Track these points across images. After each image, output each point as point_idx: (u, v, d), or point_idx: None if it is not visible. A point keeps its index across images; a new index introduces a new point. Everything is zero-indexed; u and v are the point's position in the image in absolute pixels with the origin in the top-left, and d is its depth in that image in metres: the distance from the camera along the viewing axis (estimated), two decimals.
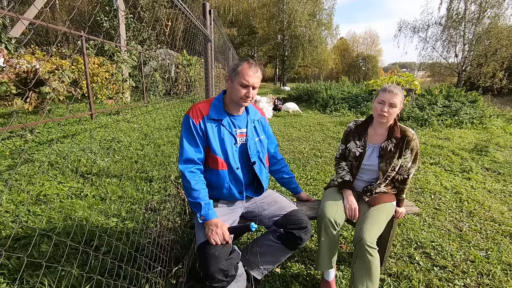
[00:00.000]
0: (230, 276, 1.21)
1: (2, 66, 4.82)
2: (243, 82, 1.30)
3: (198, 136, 1.34)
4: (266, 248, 1.51)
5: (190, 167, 1.34)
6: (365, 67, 37.65)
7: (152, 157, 3.63)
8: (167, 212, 2.25)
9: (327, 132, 6.09)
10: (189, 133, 1.35)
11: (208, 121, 1.35)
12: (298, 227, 1.43)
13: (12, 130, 4.20)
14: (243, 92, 1.32)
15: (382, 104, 1.49)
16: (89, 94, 5.76)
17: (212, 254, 1.18)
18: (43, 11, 6.99)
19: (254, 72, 1.31)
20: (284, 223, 1.46)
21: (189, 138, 1.35)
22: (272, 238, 1.51)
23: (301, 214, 1.49)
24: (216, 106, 1.39)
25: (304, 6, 26.07)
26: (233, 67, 1.34)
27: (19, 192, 2.50)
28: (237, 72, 1.31)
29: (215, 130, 1.37)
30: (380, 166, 1.57)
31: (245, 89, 1.32)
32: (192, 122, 1.34)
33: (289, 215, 1.47)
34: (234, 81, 1.32)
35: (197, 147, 1.35)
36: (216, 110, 1.38)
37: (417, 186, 3.20)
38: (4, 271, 1.57)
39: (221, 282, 1.18)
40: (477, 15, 19.08)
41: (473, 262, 1.91)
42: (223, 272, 1.17)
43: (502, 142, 5.23)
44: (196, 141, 1.35)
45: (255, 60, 1.35)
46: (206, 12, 2.32)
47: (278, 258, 1.53)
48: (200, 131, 1.35)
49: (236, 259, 1.26)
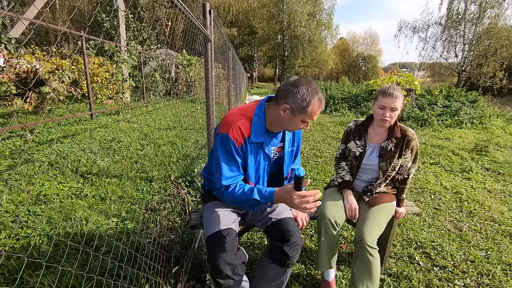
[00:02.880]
0: (236, 274, 1.15)
1: (2, 66, 4.82)
2: (308, 120, 1.17)
3: (240, 158, 1.22)
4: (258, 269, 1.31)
5: (228, 187, 1.22)
6: (365, 67, 37.67)
7: (152, 157, 3.63)
8: (167, 212, 2.25)
9: (327, 132, 6.09)
10: (229, 154, 1.20)
11: (249, 144, 1.22)
12: (281, 238, 1.27)
13: (12, 130, 4.20)
14: (302, 126, 1.20)
15: (384, 109, 1.48)
16: (89, 94, 5.76)
17: (221, 246, 1.16)
18: (43, 11, 6.98)
19: (321, 109, 1.18)
20: (271, 231, 1.33)
21: (229, 160, 1.21)
22: (265, 254, 1.33)
23: (290, 224, 1.31)
24: (257, 125, 1.22)
25: (304, 6, 26.12)
26: (301, 103, 1.12)
27: (19, 192, 2.50)
28: (305, 111, 1.13)
29: (254, 153, 1.25)
30: (380, 166, 1.57)
31: (306, 124, 1.19)
32: (233, 145, 1.18)
33: (278, 222, 1.32)
34: (297, 116, 1.15)
35: (237, 171, 1.23)
36: (257, 131, 1.22)
37: (417, 186, 3.20)
38: (4, 271, 1.57)
39: (227, 278, 1.13)
40: (477, 15, 19.09)
41: (473, 262, 1.91)
42: (230, 266, 1.13)
43: (502, 142, 5.23)
44: (238, 164, 1.22)
45: (322, 93, 1.18)
46: (206, 12, 2.32)
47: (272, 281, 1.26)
48: (241, 153, 1.22)
49: (243, 258, 1.22)
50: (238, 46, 29.07)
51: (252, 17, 28.04)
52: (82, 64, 6.06)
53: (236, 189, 1.19)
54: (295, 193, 1.03)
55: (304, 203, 1.02)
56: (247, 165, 1.26)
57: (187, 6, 1.75)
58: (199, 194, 2.62)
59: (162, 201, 2.45)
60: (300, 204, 1.03)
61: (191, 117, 4.22)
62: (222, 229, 1.23)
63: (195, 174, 2.93)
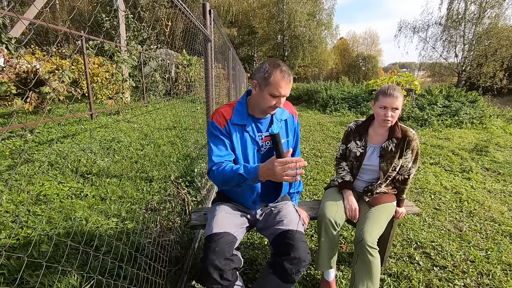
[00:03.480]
0: (225, 280, 1.12)
1: (2, 66, 4.82)
2: (275, 93, 1.19)
3: (225, 138, 1.27)
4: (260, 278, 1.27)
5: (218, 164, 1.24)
6: (365, 67, 37.65)
7: (152, 157, 3.63)
8: (167, 212, 2.25)
9: (327, 132, 6.09)
10: (215, 138, 1.28)
11: (232, 126, 1.28)
12: (283, 252, 1.20)
13: (12, 130, 4.20)
14: (273, 102, 1.21)
15: (385, 110, 1.48)
16: (89, 94, 5.76)
17: (212, 249, 1.13)
18: (43, 11, 6.98)
19: (287, 82, 1.19)
20: (275, 243, 1.26)
21: (217, 142, 1.27)
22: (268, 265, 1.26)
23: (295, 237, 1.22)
24: (239, 110, 1.30)
25: (304, 6, 26.08)
26: (263, 75, 1.19)
27: (19, 192, 2.49)
28: (268, 82, 1.18)
29: (239, 136, 1.29)
30: (381, 166, 1.57)
31: (275, 99, 1.21)
32: (217, 127, 1.27)
33: (283, 234, 1.25)
34: (264, 90, 1.20)
35: (225, 150, 1.27)
36: (239, 115, 1.29)
37: (417, 186, 3.20)
38: (4, 271, 1.57)
39: (214, 284, 1.10)
40: (477, 15, 19.07)
41: (473, 262, 1.91)
42: (218, 271, 1.10)
43: (502, 142, 5.23)
44: (224, 143, 1.27)
45: (286, 65, 1.22)
46: (206, 12, 2.32)
47: None
48: (226, 134, 1.28)
49: (236, 264, 1.18)
50: (238, 46, 29.05)
51: (252, 17, 28.01)
52: (82, 64, 6.06)
53: (225, 167, 1.20)
54: (276, 160, 1.03)
55: (285, 170, 1.01)
56: (234, 148, 1.29)
57: (187, 6, 1.75)
58: (199, 194, 2.63)
59: (162, 201, 2.45)
60: (281, 172, 1.01)
61: (191, 117, 4.22)
62: (218, 232, 1.21)
63: (195, 174, 2.93)
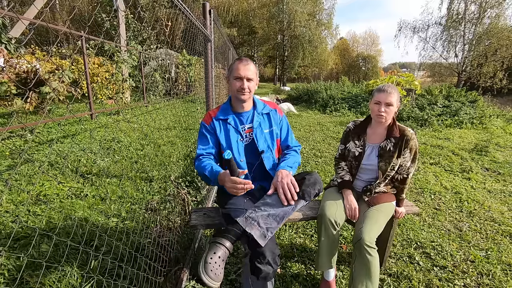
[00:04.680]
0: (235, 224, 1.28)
1: (2, 66, 4.82)
2: (236, 75, 1.44)
3: (209, 134, 1.51)
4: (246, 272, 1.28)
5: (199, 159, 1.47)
6: (365, 67, 37.67)
7: (152, 157, 3.63)
8: (167, 212, 2.25)
9: (327, 132, 6.09)
10: (201, 134, 1.53)
11: (216, 121, 1.51)
12: (251, 245, 1.23)
13: (12, 130, 4.20)
14: (238, 84, 1.44)
15: (379, 105, 1.51)
16: (89, 94, 5.76)
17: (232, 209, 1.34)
18: (43, 11, 6.99)
19: (245, 65, 1.44)
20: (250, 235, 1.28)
21: (202, 138, 1.53)
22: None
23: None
24: (224, 108, 1.55)
25: (304, 6, 26.08)
26: (229, 69, 1.50)
27: (19, 192, 2.50)
28: (231, 69, 1.47)
29: (223, 128, 1.52)
30: (380, 165, 1.57)
31: (240, 82, 1.44)
32: (203, 124, 1.53)
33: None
34: (231, 78, 1.47)
35: (208, 144, 1.50)
36: (223, 112, 1.54)
37: (417, 186, 3.20)
38: (4, 271, 1.57)
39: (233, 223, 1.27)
40: (477, 15, 19.06)
41: (473, 262, 1.91)
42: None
43: (502, 142, 5.23)
44: (207, 139, 1.51)
45: (248, 60, 1.48)
46: (206, 12, 2.33)
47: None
48: (211, 130, 1.51)
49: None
50: (238, 46, 29.05)
51: (252, 17, 28.00)
52: (82, 64, 6.06)
53: (203, 162, 1.42)
54: (229, 177, 1.23)
55: (234, 187, 1.21)
56: (219, 140, 1.50)
57: (187, 6, 1.75)
58: (199, 194, 2.63)
59: (162, 201, 2.45)
60: (231, 187, 1.23)
61: (191, 117, 4.22)
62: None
63: (195, 174, 2.93)
